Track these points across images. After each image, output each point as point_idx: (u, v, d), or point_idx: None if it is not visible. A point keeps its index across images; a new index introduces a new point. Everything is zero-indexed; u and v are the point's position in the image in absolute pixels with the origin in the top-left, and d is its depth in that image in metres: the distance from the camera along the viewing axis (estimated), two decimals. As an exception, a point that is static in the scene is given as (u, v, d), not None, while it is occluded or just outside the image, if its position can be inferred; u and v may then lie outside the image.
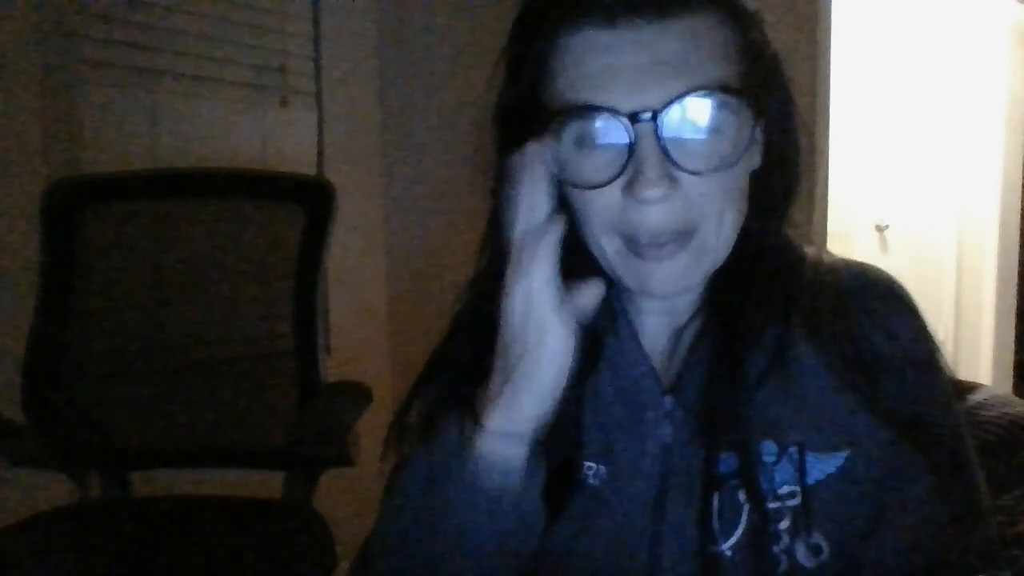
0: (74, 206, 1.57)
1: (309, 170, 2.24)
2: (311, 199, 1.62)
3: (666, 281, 0.60)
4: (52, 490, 1.54)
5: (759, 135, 0.63)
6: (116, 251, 1.62)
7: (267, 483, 1.53)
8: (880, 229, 3.49)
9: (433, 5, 2.39)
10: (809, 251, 0.68)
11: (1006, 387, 3.28)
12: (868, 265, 0.68)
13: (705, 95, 0.56)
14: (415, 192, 2.42)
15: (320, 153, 2.28)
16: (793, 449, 0.60)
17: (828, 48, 2.12)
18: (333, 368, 1.66)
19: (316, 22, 2.25)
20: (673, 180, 0.57)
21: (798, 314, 0.63)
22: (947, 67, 3.28)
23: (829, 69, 2.12)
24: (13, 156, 1.67)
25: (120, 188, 1.66)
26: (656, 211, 0.57)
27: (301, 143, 2.24)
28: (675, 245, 0.59)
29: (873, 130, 3.41)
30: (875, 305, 0.64)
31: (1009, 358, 3.39)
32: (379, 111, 2.41)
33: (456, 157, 2.34)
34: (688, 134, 0.56)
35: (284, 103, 2.20)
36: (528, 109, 0.61)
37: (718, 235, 0.60)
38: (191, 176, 1.73)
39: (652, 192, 0.56)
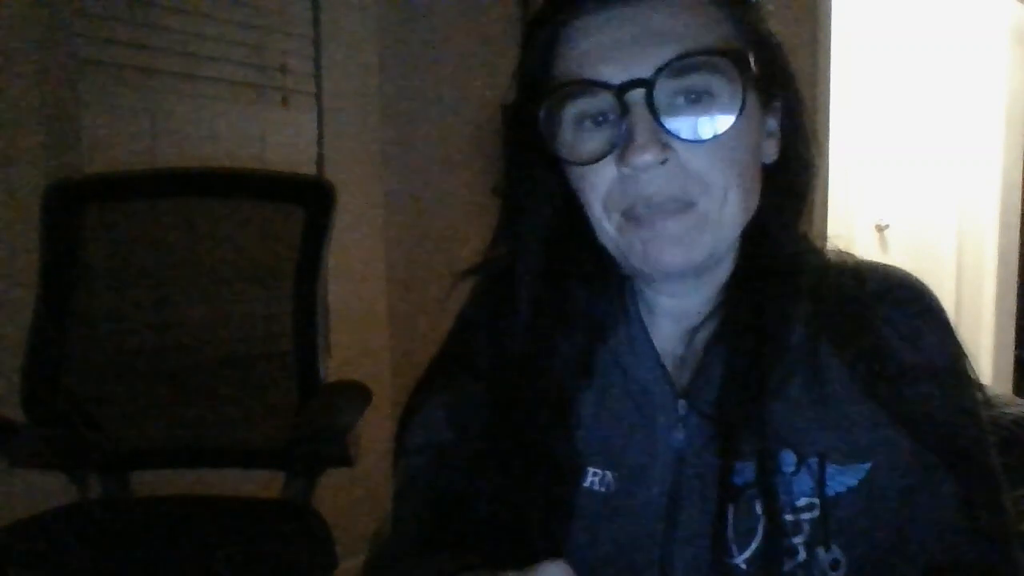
0: (74, 206, 1.57)
1: (309, 170, 2.24)
2: (311, 199, 1.62)
3: (669, 245, 0.58)
4: (52, 490, 1.54)
5: (775, 128, 0.63)
6: (116, 251, 1.62)
7: (267, 483, 1.53)
8: (880, 229, 3.49)
9: (433, 5, 2.39)
10: (831, 254, 0.66)
11: (1006, 387, 3.28)
12: (892, 268, 0.65)
13: (695, 60, 0.56)
14: (415, 192, 2.42)
15: (320, 153, 2.28)
16: (813, 460, 0.58)
17: (828, 48, 2.12)
18: (333, 368, 1.66)
19: (316, 22, 2.25)
20: (666, 147, 0.56)
21: (819, 319, 0.61)
22: (947, 67, 3.28)
23: (829, 68, 2.12)
24: (13, 156, 1.67)
25: (120, 188, 1.66)
26: (651, 178, 0.57)
27: (301, 143, 2.24)
28: (674, 209, 0.58)
29: (873, 130, 3.40)
30: (899, 311, 0.61)
31: (1009, 358, 3.38)
32: (379, 111, 2.41)
33: (456, 157, 2.34)
34: (681, 100, 0.57)
35: (284, 103, 2.20)
36: (531, 97, 0.61)
37: (721, 210, 0.58)
38: (191, 176, 1.73)
39: (643, 158, 0.55)
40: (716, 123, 0.57)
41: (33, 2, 1.69)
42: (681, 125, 0.56)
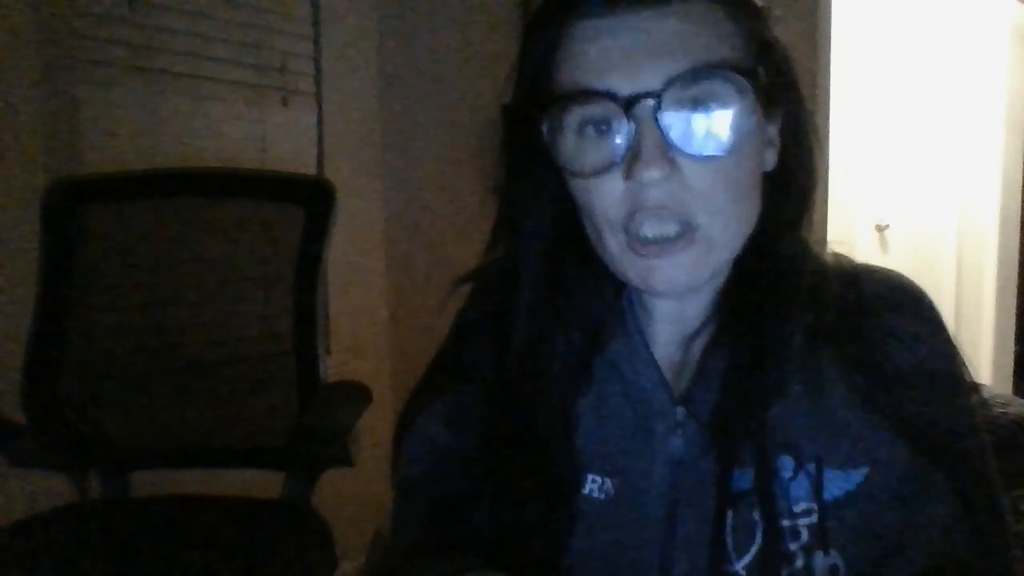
0: (74, 206, 1.57)
1: (309, 170, 2.24)
2: (311, 199, 1.62)
3: (671, 275, 0.58)
4: (52, 490, 1.54)
5: (775, 136, 0.62)
6: (116, 251, 1.62)
7: (267, 483, 1.53)
8: (880, 229, 3.49)
9: (433, 5, 2.39)
10: (829, 257, 0.65)
11: (1006, 387, 3.28)
12: (890, 272, 0.64)
13: (705, 75, 0.55)
14: (415, 192, 2.42)
15: (320, 153, 2.28)
16: (811, 465, 0.58)
17: (828, 48, 2.12)
18: (333, 368, 1.66)
19: (316, 22, 2.25)
20: (673, 163, 0.56)
21: (817, 324, 0.60)
22: (947, 67, 3.28)
23: (829, 69, 2.12)
24: (13, 156, 1.67)
25: (120, 188, 1.66)
26: (655, 193, 0.56)
27: (301, 143, 2.24)
28: (680, 242, 0.57)
29: (873, 130, 3.40)
30: (897, 316, 0.61)
31: (1009, 358, 3.39)
32: (379, 111, 2.41)
33: (456, 157, 2.34)
34: (688, 114, 0.55)
35: (284, 103, 2.20)
36: (533, 101, 0.60)
37: (724, 230, 0.58)
38: (191, 176, 1.73)
39: (650, 173, 0.55)
40: (722, 140, 0.56)
41: (33, 2, 1.69)
42: (688, 141, 0.55)
